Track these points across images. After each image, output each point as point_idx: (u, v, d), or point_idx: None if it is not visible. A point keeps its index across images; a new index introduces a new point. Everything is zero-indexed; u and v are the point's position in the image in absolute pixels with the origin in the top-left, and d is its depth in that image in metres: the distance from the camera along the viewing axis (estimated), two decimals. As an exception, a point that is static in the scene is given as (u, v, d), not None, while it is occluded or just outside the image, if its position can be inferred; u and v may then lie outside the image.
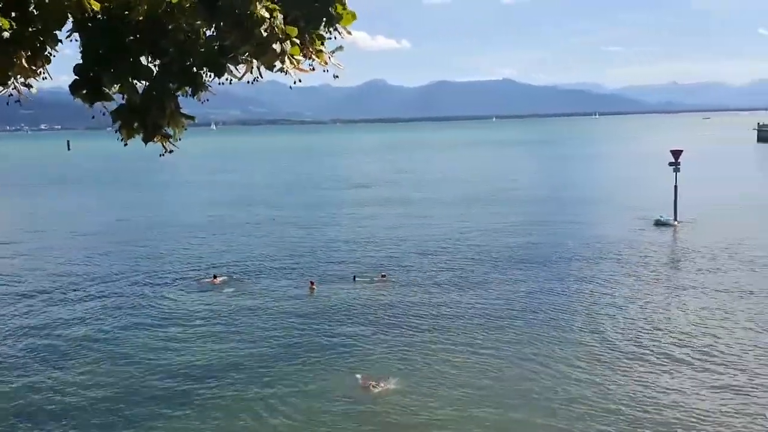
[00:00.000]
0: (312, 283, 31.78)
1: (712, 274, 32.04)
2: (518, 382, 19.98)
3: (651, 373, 20.41)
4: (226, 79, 4.76)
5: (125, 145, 4.89)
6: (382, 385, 19.58)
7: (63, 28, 4.62)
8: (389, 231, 46.64)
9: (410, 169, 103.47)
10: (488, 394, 19.28)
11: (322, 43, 5.02)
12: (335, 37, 5.04)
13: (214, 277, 33.68)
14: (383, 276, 32.65)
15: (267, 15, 4.53)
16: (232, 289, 31.84)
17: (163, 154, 5.05)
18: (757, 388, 19.09)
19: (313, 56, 5.04)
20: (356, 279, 32.60)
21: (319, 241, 43.69)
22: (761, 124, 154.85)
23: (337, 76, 5.04)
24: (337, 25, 5.01)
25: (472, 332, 24.51)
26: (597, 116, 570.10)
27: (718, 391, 19.06)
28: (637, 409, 17.96)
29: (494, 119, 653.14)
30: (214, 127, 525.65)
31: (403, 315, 26.82)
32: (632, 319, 25.57)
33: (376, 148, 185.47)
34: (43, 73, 4.87)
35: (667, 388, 19.24)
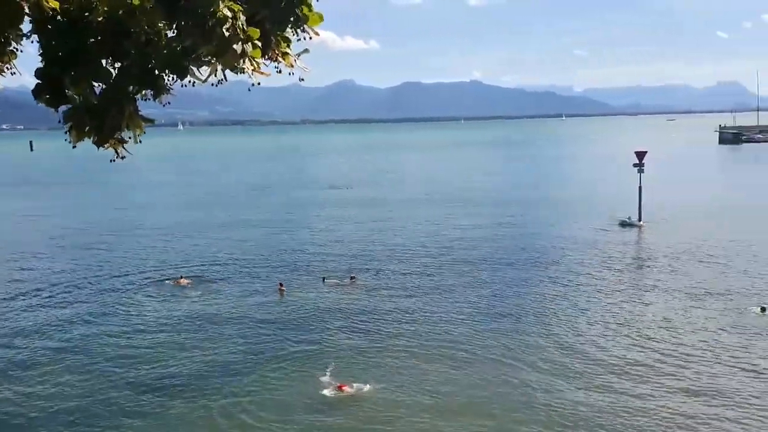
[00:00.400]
0: (281, 285, 31.55)
1: (675, 275, 32.58)
2: (486, 385, 20.05)
3: (615, 375, 20.67)
4: (189, 81, 4.67)
5: (74, 147, 4.77)
6: (353, 389, 19.45)
7: (22, 26, 4.49)
8: (359, 233, 46.58)
9: (380, 171, 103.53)
10: (457, 396, 19.33)
11: (288, 46, 4.95)
12: (303, 38, 4.98)
13: (180, 278, 33.26)
14: (353, 278, 32.56)
15: (230, 14, 4.44)
16: (198, 291, 31.47)
17: (114, 160, 4.93)
18: (716, 389, 19.44)
19: (279, 58, 4.97)
20: (325, 281, 32.47)
21: (287, 243, 43.45)
22: (722, 126, 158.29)
23: (302, 80, 4.98)
24: (304, 26, 4.94)
25: (441, 334, 24.57)
26: (564, 118, 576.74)
27: (679, 391, 19.35)
28: (601, 411, 18.13)
29: (462, 121, 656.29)
30: (182, 128, 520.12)
31: (373, 317, 26.77)
32: (598, 320, 25.83)
33: (345, 149, 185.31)
34: (11, 68, 4.74)
35: (630, 389, 19.48)
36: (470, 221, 49.97)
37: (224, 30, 4.40)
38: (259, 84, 4.83)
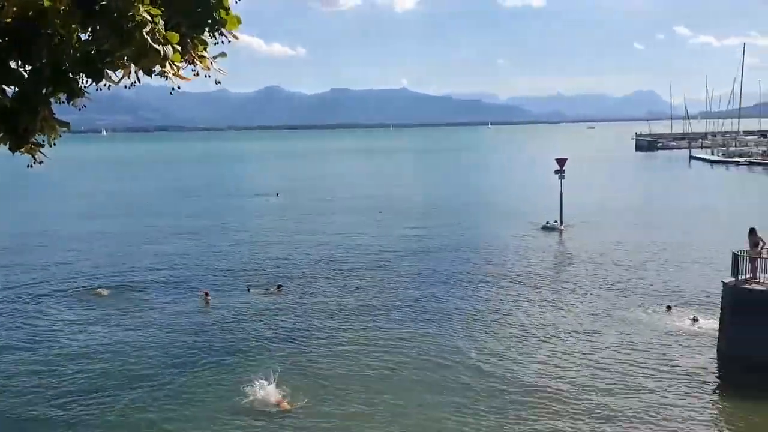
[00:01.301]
0: (207, 294, 30.99)
1: (593, 277, 33.74)
2: (415, 393, 20.24)
3: (534, 377, 21.28)
4: (104, 85, 4.62)
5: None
6: (290, 405, 18.97)
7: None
8: (285, 240, 46.28)
9: (308, 178, 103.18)
10: (386, 405, 19.39)
11: (205, 49, 4.96)
12: (221, 42, 5.00)
13: (98, 288, 32.22)
14: (279, 286, 32.28)
15: (149, 18, 4.43)
16: (119, 302, 30.55)
17: (32, 165, 4.83)
18: (627, 387, 20.28)
19: (196, 61, 4.97)
20: (250, 290, 32.10)
21: (213, 251, 42.76)
22: (638, 134, 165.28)
23: (218, 82, 5.00)
24: (221, 29, 4.96)
25: (369, 342, 24.68)
26: (490, 126, 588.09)
27: (594, 390, 20.09)
28: (521, 415, 18.52)
29: (391, 128, 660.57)
30: (105, 133, 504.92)
31: (301, 327, 26.58)
32: (519, 324, 26.44)
33: (272, 156, 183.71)
34: None
35: (548, 390, 20.07)
36: (397, 228, 50.42)
37: (144, 33, 4.38)
38: (179, 88, 4.82)
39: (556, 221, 47.72)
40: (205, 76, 4.97)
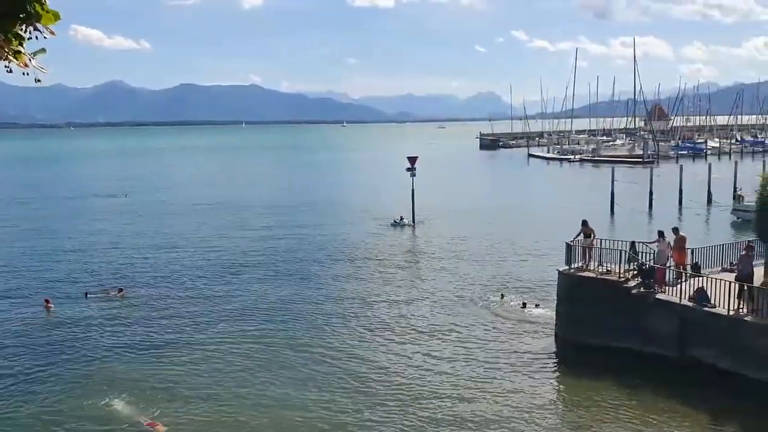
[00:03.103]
0: (47, 301, 28.95)
1: (439, 271, 35.03)
2: (265, 385, 20.17)
3: (375, 374, 21.78)
4: None
5: None
6: (154, 421, 17.78)
7: None
8: (126, 244, 44.04)
9: (151, 177, 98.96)
10: (244, 401, 19.13)
11: (21, 44, 4.61)
12: (36, 37, 4.67)
13: None
14: (120, 290, 30.73)
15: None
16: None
17: None
18: (475, 377, 21.31)
19: (11, 57, 4.61)
20: (88, 296, 30.35)
21: (49, 257, 39.90)
22: (482, 133, 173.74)
23: (39, 80, 4.66)
24: (37, 24, 4.64)
25: (218, 342, 24.22)
26: (345, 124, 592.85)
27: (436, 378, 20.89)
28: (360, 413, 18.67)
29: (244, 125, 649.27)
30: None
31: (151, 333, 25.45)
32: (363, 320, 26.80)
33: (117, 154, 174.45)
34: None
35: (392, 387, 20.61)
36: (245, 228, 49.66)
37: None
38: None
39: (403, 218, 48.98)
40: (23, 74, 4.61)
